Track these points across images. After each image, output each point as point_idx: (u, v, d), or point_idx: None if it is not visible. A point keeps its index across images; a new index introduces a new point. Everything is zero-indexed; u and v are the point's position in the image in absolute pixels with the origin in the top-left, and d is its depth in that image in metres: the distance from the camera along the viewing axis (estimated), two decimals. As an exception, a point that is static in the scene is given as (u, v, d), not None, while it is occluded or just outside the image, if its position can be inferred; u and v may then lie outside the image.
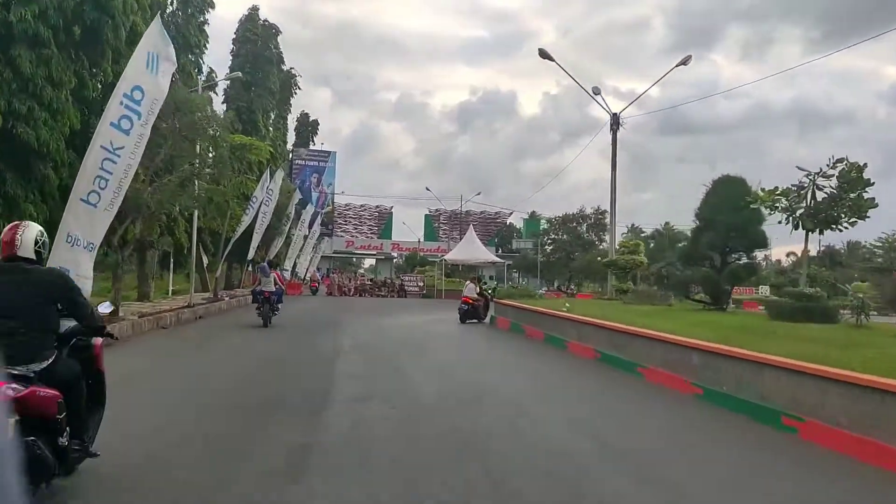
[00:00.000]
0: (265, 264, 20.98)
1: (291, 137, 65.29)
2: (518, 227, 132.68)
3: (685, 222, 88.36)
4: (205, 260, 34.25)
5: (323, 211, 60.65)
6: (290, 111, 56.96)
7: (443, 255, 45.99)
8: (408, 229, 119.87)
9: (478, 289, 22.15)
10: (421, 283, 46.48)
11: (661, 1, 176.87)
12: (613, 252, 24.68)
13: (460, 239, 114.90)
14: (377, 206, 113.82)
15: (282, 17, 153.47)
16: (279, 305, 19.40)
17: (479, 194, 67.76)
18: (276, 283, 19.27)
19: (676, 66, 22.28)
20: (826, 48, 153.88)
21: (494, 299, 22.15)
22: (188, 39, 28.54)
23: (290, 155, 62.38)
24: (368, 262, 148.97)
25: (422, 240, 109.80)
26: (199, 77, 31.90)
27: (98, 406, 4.87)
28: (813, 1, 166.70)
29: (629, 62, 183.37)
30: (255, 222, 31.14)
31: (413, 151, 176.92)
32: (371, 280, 52.51)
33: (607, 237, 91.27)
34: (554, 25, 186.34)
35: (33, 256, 4.22)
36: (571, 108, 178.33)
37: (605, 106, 22.84)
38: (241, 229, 26.97)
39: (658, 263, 51.69)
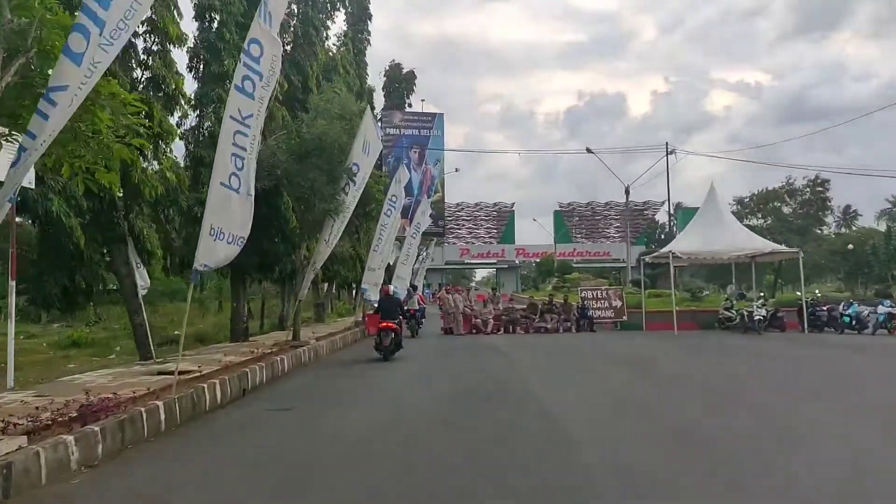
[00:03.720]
0: (410, 288, 26.89)
1: (379, 100, 44.71)
2: (660, 222, 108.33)
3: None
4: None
5: (429, 199, 39.25)
6: (367, 41, 36.19)
7: (669, 248, 23.32)
8: (535, 230, 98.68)
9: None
10: (617, 303, 24.46)
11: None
12: None
13: (591, 237, 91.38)
14: (495, 205, 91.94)
15: (384, 41, 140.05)
16: (423, 320, 23.84)
17: (672, 152, 40.34)
18: (418, 304, 24.48)
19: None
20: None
21: None
22: None
23: (379, 120, 41.72)
24: (480, 273, 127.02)
25: (553, 242, 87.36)
26: None
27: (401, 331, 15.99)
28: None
29: (743, 52, 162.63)
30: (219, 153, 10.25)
31: (520, 161, 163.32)
32: (513, 299, 30.61)
33: (830, 218, 65.41)
34: (654, 21, 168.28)
35: (391, 294, 16.33)
36: (683, 103, 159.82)
37: None
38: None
39: None
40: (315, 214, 15.71)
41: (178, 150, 15.18)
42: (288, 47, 20.77)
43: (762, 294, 25.86)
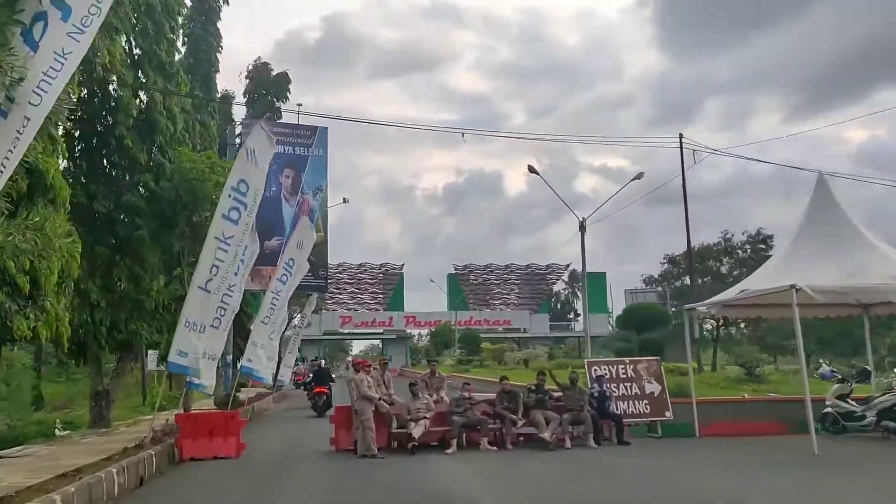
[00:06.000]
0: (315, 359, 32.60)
1: (240, 111, 33.22)
2: (555, 291, 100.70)
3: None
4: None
5: (304, 240, 26.61)
6: (219, 47, 25.78)
7: (775, 281, 12.62)
8: (425, 298, 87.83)
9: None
10: (654, 388, 13.09)
11: (642, 77, 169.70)
12: None
13: (489, 304, 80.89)
14: (382, 266, 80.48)
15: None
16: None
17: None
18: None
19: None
20: (805, 114, 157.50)
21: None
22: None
23: (238, 135, 29.95)
24: (358, 346, 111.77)
25: (447, 309, 76.27)
26: None
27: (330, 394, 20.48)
28: (788, 72, 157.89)
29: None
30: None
31: (401, 233, 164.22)
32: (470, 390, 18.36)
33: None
34: (523, 107, 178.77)
35: (323, 367, 26.21)
36: (555, 184, 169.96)
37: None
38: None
39: None
40: None
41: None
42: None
43: None
